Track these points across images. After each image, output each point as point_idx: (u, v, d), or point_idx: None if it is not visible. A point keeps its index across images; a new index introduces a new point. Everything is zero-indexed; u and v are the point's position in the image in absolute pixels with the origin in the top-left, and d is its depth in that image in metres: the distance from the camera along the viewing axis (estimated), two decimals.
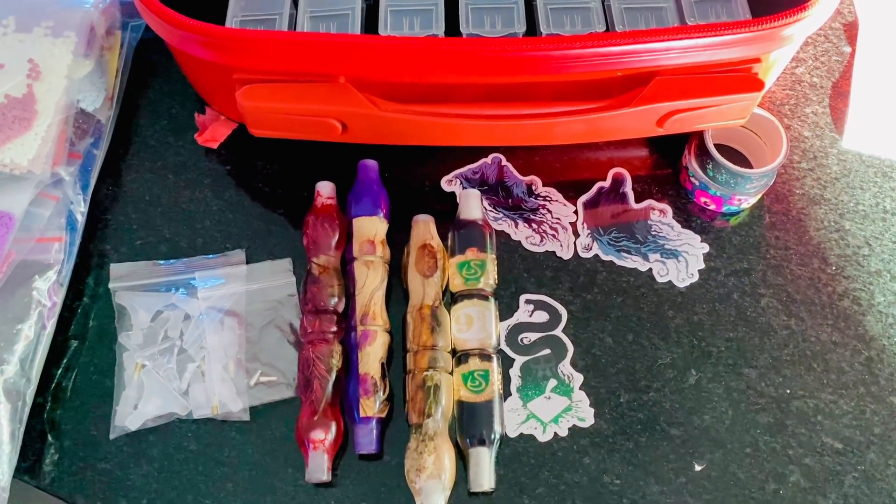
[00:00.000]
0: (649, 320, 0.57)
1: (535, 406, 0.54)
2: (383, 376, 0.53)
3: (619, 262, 0.59)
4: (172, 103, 0.64)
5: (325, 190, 0.58)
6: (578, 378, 0.55)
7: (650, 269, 0.58)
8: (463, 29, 0.55)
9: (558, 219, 0.60)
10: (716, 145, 0.58)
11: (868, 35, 0.68)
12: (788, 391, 0.55)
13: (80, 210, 0.58)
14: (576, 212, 0.60)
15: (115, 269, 0.57)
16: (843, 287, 0.58)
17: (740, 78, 0.53)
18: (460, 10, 0.55)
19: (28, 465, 0.53)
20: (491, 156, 0.62)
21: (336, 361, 0.53)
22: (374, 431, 0.52)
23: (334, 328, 0.53)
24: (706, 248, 0.59)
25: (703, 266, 0.59)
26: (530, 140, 0.60)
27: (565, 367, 0.55)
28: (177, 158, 0.62)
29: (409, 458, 0.51)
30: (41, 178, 0.55)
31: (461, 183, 0.61)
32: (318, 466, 0.51)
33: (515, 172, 0.62)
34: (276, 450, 0.53)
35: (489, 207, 0.60)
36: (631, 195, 0.61)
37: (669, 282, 0.58)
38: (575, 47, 0.50)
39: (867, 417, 0.54)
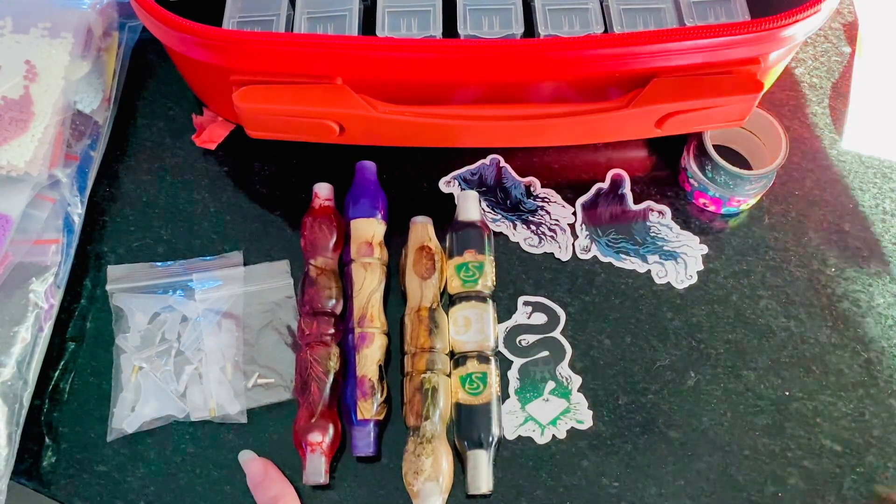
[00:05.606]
0: (648, 322, 0.57)
1: (534, 408, 0.54)
2: (381, 378, 0.53)
3: (617, 264, 0.59)
4: (170, 104, 0.64)
5: (323, 191, 0.58)
6: (577, 380, 0.55)
7: (649, 271, 0.58)
8: (461, 30, 0.54)
9: (557, 220, 0.60)
10: (715, 146, 0.58)
11: (868, 35, 0.67)
12: (787, 393, 0.55)
13: (78, 212, 0.58)
14: (574, 213, 0.60)
15: (113, 270, 0.57)
16: (843, 289, 0.58)
17: (739, 79, 0.53)
18: (458, 12, 0.55)
19: (25, 467, 0.52)
20: (489, 157, 0.62)
21: (333, 364, 0.53)
22: (372, 434, 0.52)
23: (332, 330, 0.53)
24: (705, 249, 0.59)
25: (701, 267, 0.59)
26: (528, 141, 0.59)
27: (563, 369, 0.55)
28: (174, 160, 0.62)
29: (406, 461, 0.51)
30: (38, 180, 0.54)
31: (459, 184, 0.61)
32: (316, 469, 0.50)
33: (514, 174, 0.61)
34: (273, 452, 0.53)
35: (487, 209, 0.60)
36: (629, 196, 0.61)
37: (668, 283, 0.58)
38: (573, 49, 0.50)
39: (866, 419, 0.54)
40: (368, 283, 0.55)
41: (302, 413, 0.52)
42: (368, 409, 0.52)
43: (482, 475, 0.51)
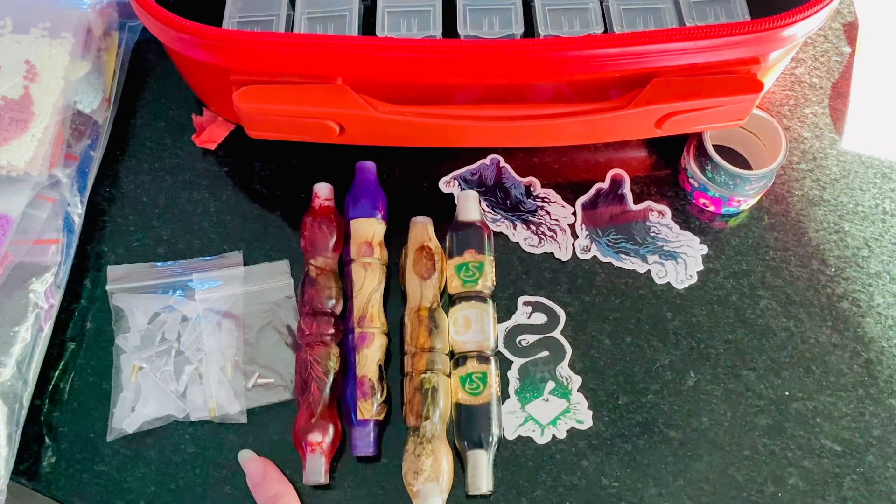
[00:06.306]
0: (648, 322, 0.57)
1: (534, 408, 0.54)
2: (381, 379, 0.53)
3: (617, 264, 0.59)
4: (170, 104, 0.64)
5: (323, 191, 0.58)
6: (577, 380, 0.55)
7: (649, 271, 0.58)
8: (461, 30, 0.54)
9: (557, 220, 0.60)
10: (715, 146, 0.58)
11: (868, 35, 0.67)
12: (787, 393, 0.55)
13: (78, 212, 0.58)
14: (574, 213, 0.60)
15: (113, 270, 0.57)
16: (843, 289, 0.58)
17: (739, 79, 0.53)
18: (458, 12, 0.55)
19: (25, 467, 0.53)
20: (489, 157, 0.62)
21: (333, 364, 0.53)
22: (372, 434, 0.52)
23: (332, 330, 0.53)
24: (705, 249, 0.59)
25: (701, 267, 0.59)
26: (528, 141, 0.59)
27: (563, 369, 0.55)
28: (174, 160, 0.62)
29: (406, 461, 0.51)
30: (38, 180, 0.54)
31: (459, 184, 0.61)
32: (316, 469, 0.50)
33: (514, 174, 0.61)
34: (273, 452, 0.53)
35: (487, 209, 0.60)
36: (629, 196, 0.61)
37: (668, 283, 0.58)
38: (573, 49, 0.50)
39: (866, 420, 0.54)
40: (368, 283, 0.55)
41: (302, 413, 0.52)
42: (368, 409, 0.52)
43: (482, 475, 0.51)
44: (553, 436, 0.54)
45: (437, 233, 0.57)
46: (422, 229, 0.57)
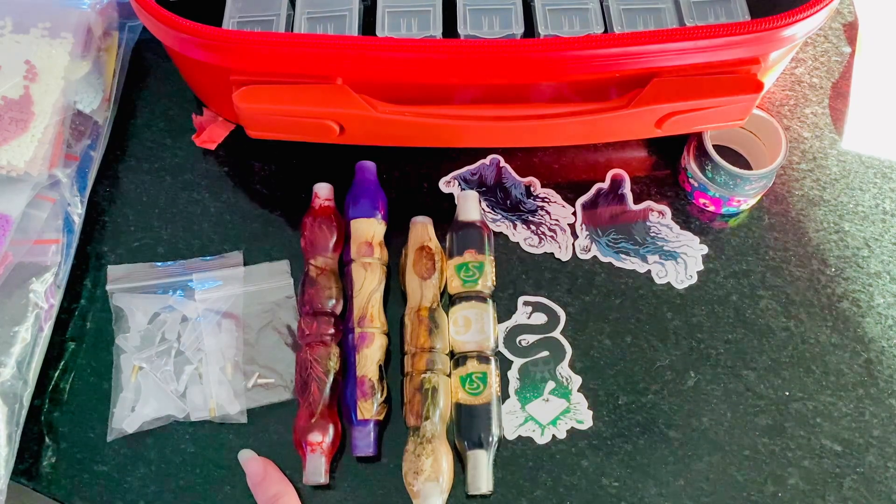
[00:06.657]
0: (648, 322, 0.57)
1: (534, 408, 0.54)
2: (381, 378, 0.53)
3: (617, 264, 0.59)
4: (170, 104, 0.64)
5: (323, 191, 0.58)
6: (577, 380, 0.55)
7: (649, 271, 0.58)
8: (461, 30, 0.54)
9: (557, 220, 0.60)
10: (715, 146, 0.58)
11: (868, 35, 0.67)
12: (787, 393, 0.55)
13: (78, 212, 0.58)
14: (574, 213, 0.60)
15: (113, 270, 0.57)
16: (843, 289, 0.58)
17: (739, 79, 0.53)
18: (458, 12, 0.55)
19: (25, 467, 0.53)
20: (489, 157, 0.62)
21: (333, 364, 0.53)
22: (372, 434, 0.52)
23: (332, 330, 0.53)
24: (705, 249, 0.59)
25: (701, 267, 0.59)
26: (528, 141, 0.59)
27: (563, 369, 0.55)
28: (174, 160, 0.62)
29: (406, 461, 0.51)
30: (38, 180, 0.54)
31: (459, 184, 0.61)
32: (316, 469, 0.50)
33: (514, 174, 0.61)
34: (273, 452, 0.53)
35: (487, 209, 0.60)
36: (629, 196, 0.61)
37: (668, 283, 0.58)
38: (573, 49, 0.50)
39: (866, 420, 0.54)
40: (368, 283, 0.55)
41: (302, 413, 0.52)
42: (368, 409, 0.52)
43: (482, 475, 0.51)
44: (553, 436, 0.54)
45: (437, 233, 0.57)
46: (422, 229, 0.57)
